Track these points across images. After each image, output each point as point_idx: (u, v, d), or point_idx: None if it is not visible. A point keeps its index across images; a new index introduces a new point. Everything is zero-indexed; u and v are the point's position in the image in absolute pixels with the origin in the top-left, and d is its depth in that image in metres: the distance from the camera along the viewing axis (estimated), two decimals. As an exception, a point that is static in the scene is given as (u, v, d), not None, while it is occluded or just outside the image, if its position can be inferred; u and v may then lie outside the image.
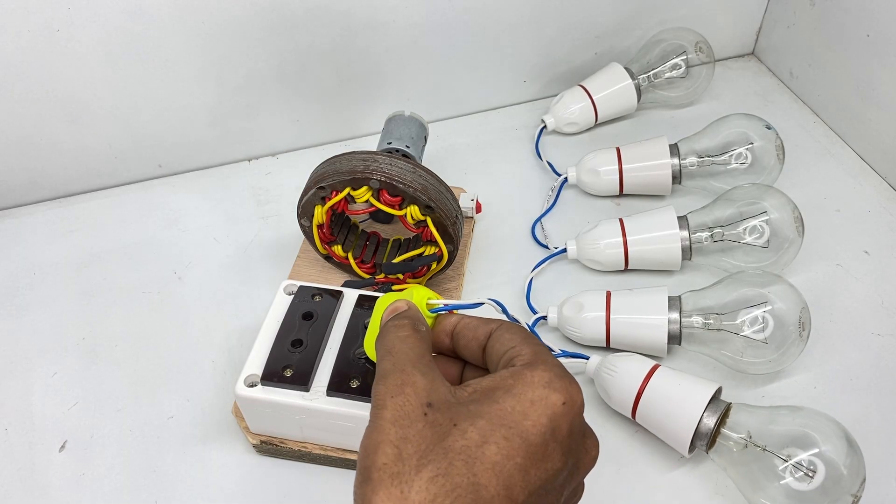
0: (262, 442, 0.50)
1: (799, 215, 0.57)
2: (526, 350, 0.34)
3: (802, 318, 0.51)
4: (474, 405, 0.31)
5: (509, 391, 0.31)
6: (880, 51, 0.67)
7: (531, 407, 0.30)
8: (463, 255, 0.62)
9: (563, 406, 0.31)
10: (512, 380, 0.32)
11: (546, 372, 0.32)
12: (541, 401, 0.31)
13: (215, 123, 0.70)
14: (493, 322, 0.37)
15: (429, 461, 0.29)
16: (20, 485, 0.50)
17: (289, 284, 0.51)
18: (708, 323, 0.52)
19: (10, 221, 0.68)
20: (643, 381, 0.49)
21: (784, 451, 0.45)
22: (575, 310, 0.55)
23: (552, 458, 0.30)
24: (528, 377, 0.32)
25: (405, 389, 0.32)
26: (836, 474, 0.43)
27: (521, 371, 0.32)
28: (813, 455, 0.44)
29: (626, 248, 0.59)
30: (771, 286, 0.52)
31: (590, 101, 0.73)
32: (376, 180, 0.52)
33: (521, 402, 0.31)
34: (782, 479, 0.44)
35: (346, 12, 0.66)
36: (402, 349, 0.34)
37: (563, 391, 0.31)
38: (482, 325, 0.37)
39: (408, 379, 0.32)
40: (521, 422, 0.30)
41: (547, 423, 0.30)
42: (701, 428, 0.47)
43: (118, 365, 0.57)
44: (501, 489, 0.29)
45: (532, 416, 0.30)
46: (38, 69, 0.61)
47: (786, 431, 0.45)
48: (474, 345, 0.37)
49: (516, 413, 0.30)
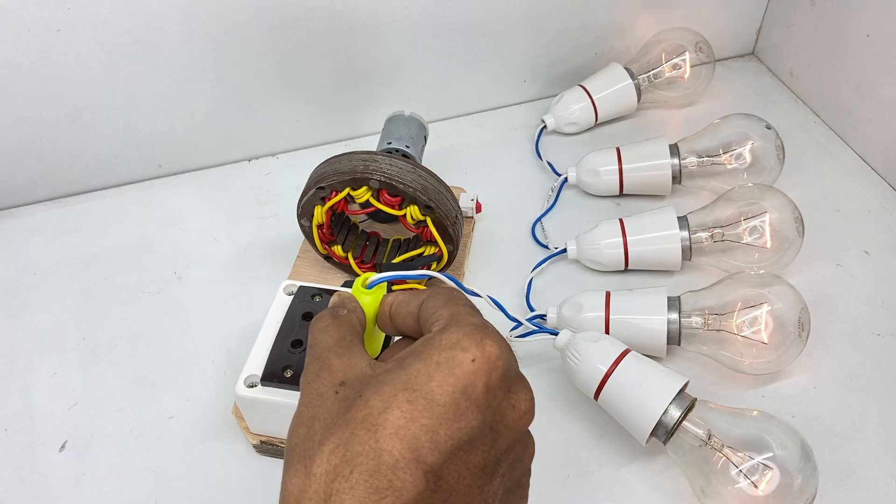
0: (262, 442, 0.50)
1: (799, 215, 0.57)
2: (444, 313, 0.33)
3: (802, 319, 0.51)
4: (384, 374, 0.31)
5: (418, 356, 0.31)
6: (880, 51, 0.67)
7: (437, 368, 0.30)
8: (463, 255, 0.62)
9: (472, 363, 0.30)
10: (422, 345, 0.31)
11: (455, 332, 0.31)
12: (447, 361, 0.30)
13: (215, 123, 0.70)
14: (424, 292, 0.36)
15: (331, 433, 0.29)
16: (20, 485, 0.50)
17: (289, 284, 0.51)
18: (707, 323, 0.52)
19: (10, 221, 0.68)
20: (612, 365, 0.48)
21: (739, 453, 0.44)
22: (574, 310, 0.55)
23: (465, 417, 0.29)
24: (436, 340, 0.31)
25: (321, 374, 0.32)
26: (789, 483, 0.43)
27: (433, 336, 0.32)
28: (767, 460, 0.44)
29: (626, 249, 0.59)
30: (770, 286, 0.52)
31: (590, 101, 0.73)
32: (376, 180, 0.52)
33: (427, 365, 0.30)
34: (735, 483, 0.44)
35: (346, 12, 0.66)
36: (321, 339, 0.34)
37: (472, 348, 0.30)
38: (413, 298, 0.36)
39: (324, 364, 0.32)
40: (426, 383, 0.29)
41: (454, 383, 0.29)
42: (665, 419, 0.46)
43: (118, 365, 0.57)
44: (406, 452, 0.28)
45: (437, 377, 0.29)
46: (38, 69, 0.61)
47: (745, 434, 0.45)
48: (410, 320, 0.36)
49: (421, 376, 0.30)
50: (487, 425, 0.30)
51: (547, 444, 0.34)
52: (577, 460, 0.50)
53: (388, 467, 0.28)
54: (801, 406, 0.53)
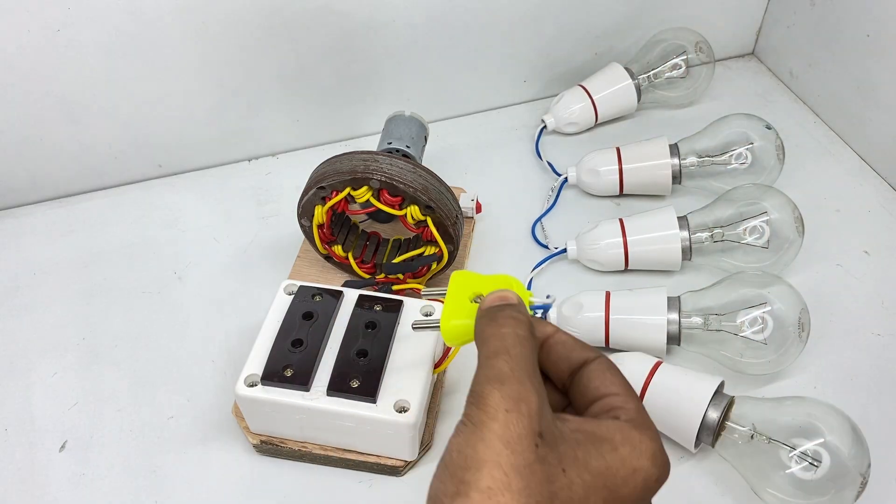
0: (262, 442, 0.50)
1: (799, 215, 0.57)
2: (631, 405, 0.32)
3: (802, 319, 0.51)
4: (581, 451, 0.30)
5: (616, 450, 0.30)
6: (880, 51, 0.67)
7: (632, 475, 0.30)
8: (463, 255, 0.62)
9: (655, 482, 0.31)
10: (620, 436, 0.31)
11: (653, 442, 0.31)
12: (643, 471, 0.30)
13: (215, 123, 0.70)
14: (591, 351, 0.35)
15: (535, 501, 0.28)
16: (20, 485, 0.50)
17: (289, 284, 0.51)
18: (707, 323, 0.52)
19: (10, 221, 0.68)
20: (646, 378, 0.49)
21: (789, 441, 0.45)
22: (574, 310, 0.55)
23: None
24: (636, 442, 0.31)
25: (520, 406, 0.29)
26: (842, 462, 0.44)
27: (630, 432, 0.31)
28: (818, 444, 0.44)
29: (626, 249, 0.59)
30: (770, 287, 0.52)
31: (590, 101, 0.73)
32: (376, 180, 0.52)
33: (625, 467, 0.30)
34: (788, 468, 0.44)
35: (346, 12, 0.66)
36: (522, 353, 0.32)
37: (661, 468, 0.31)
38: (579, 348, 0.35)
39: (525, 394, 0.30)
40: (621, 487, 0.30)
41: (639, 495, 0.30)
42: (706, 422, 0.47)
43: (118, 365, 0.57)
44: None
45: (631, 485, 0.30)
46: (38, 69, 0.61)
47: (790, 422, 0.46)
48: (563, 365, 0.35)
49: (619, 478, 0.30)
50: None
51: None
52: None
53: None
54: (801, 406, 0.53)
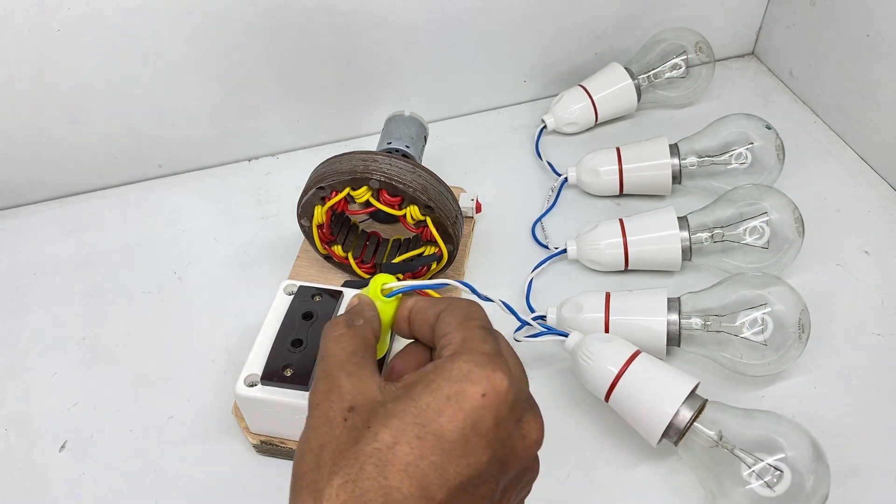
0: (262, 442, 0.50)
1: (799, 216, 0.57)
2: (456, 337, 0.32)
3: (802, 320, 0.51)
4: (393, 403, 0.30)
5: (428, 386, 0.30)
6: (880, 51, 0.67)
7: (446, 403, 0.29)
8: (463, 255, 0.62)
9: (482, 398, 0.30)
10: (433, 373, 0.31)
11: (467, 363, 0.30)
12: (457, 395, 0.29)
13: (215, 123, 0.70)
14: (443, 302, 0.35)
15: (340, 467, 0.29)
16: (20, 485, 0.50)
17: (289, 284, 0.51)
18: (707, 324, 0.52)
19: (10, 221, 0.68)
20: (623, 366, 0.48)
21: (752, 454, 0.44)
22: (574, 311, 0.55)
23: (475, 453, 0.29)
24: (447, 370, 0.30)
25: (330, 395, 0.31)
26: (801, 483, 0.43)
27: (443, 363, 0.31)
28: (779, 461, 0.44)
29: (626, 249, 0.59)
30: (770, 287, 0.52)
31: (590, 101, 0.73)
32: (376, 180, 0.52)
33: (436, 399, 0.29)
34: (748, 483, 0.44)
35: (346, 12, 0.66)
36: (333, 351, 0.33)
37: (482, 382, 0.30)
38: (431, 307, 0.35)
39: (334, 383, 0.32)
40: (436, 419, 0.29)
41: (464, 418, 0.29)
42: (676, 420, 0.46)
43: (118, 365, 0.57)
44: (416, 489, 0.28)
45: (447, 413, 0.29)
46: (38, 69, 0.61)
47: (756, 435, 0.45)
48: (426, 329, 0.35)
49: (431, 410, 0.29)
50: (496, 458, 0.30)
51: (552, 446, 0.34)
52: (583, 461, 0.50)
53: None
54: (801, 406, 0.53)
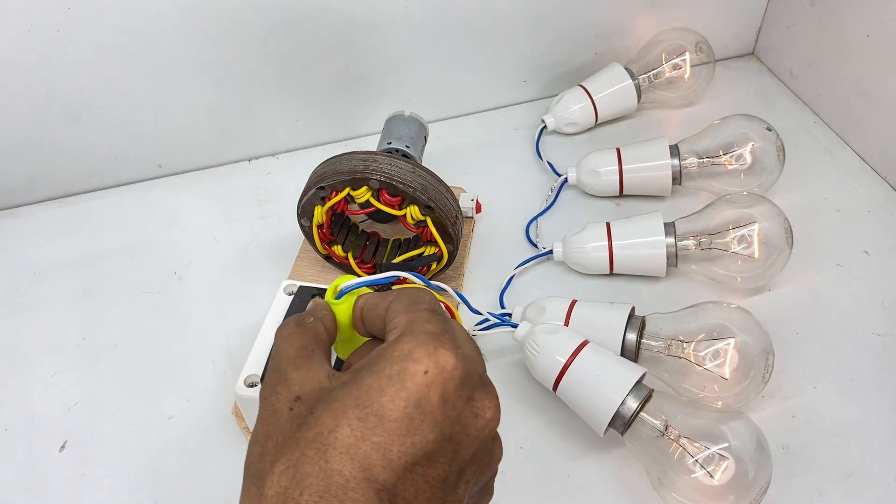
0: (262, 442, 0.50)
1: (789, 226, 0.56)
2: (402, 320, 0.32)
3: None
4: (337, 389, 0.30)
5: (370, 369, 0.30)
6: (880, 51, 0.67)
7: (388, 382, 0.29)
8: (463, 255, 0.62)
9: (424, 375, 0.29)
10: (376, 357, 0.30)
11: (408, 343, 0.30)
12: (398, 374, 0.29)
13: (215, 123, 0.70)
14: (391, 294, 0.35)
15: (282, 454, 0.28)
16: (20, 485, 0.50)
17: (289, 284, 0.51)
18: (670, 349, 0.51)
19: (10, 221, 0.68)
20: (570, 356, 0.48)
21: (696, 443, 0.44)
22: (537, 312, 0.54)
23: (420, 432, 0.29)
24: (389, 352, 0.30)
25: (277, 387, 0.31)
26: (744, 472, 0.43)
27: (386, 346, 0.31)
28: (723, 450, 0.44)
29: (611, 253, 0.59)
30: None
31: (590, 102, 0.73)
32: (376, 180, 0.52)
33: (378, 379, 0.29)
34: (692, 472, 0.44)
35: (346, 12, 0.66)
36: (282, 348, 0.33)
37: (424, 359, 0.29)
38: (381, 300, 0.35)
39: (281, 377, 0.32)
40: (377, 399, 0.29)
41: (406, 396, 0.29)
42: (622, 410, 0.46)
43: (118, 365, 0.57)
44: (357, 471, 0.27)
45: (389, 392, 0.29)
46: (38, 69, 0.61)
47: (701, 425, 0.45)
48: (379, 323, 0.35)
49: (372, 391, 0.29)
50: (446, 437, 0.29)
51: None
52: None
53: (338, 488, 0.27)
54: (801, 406, 0.53)
